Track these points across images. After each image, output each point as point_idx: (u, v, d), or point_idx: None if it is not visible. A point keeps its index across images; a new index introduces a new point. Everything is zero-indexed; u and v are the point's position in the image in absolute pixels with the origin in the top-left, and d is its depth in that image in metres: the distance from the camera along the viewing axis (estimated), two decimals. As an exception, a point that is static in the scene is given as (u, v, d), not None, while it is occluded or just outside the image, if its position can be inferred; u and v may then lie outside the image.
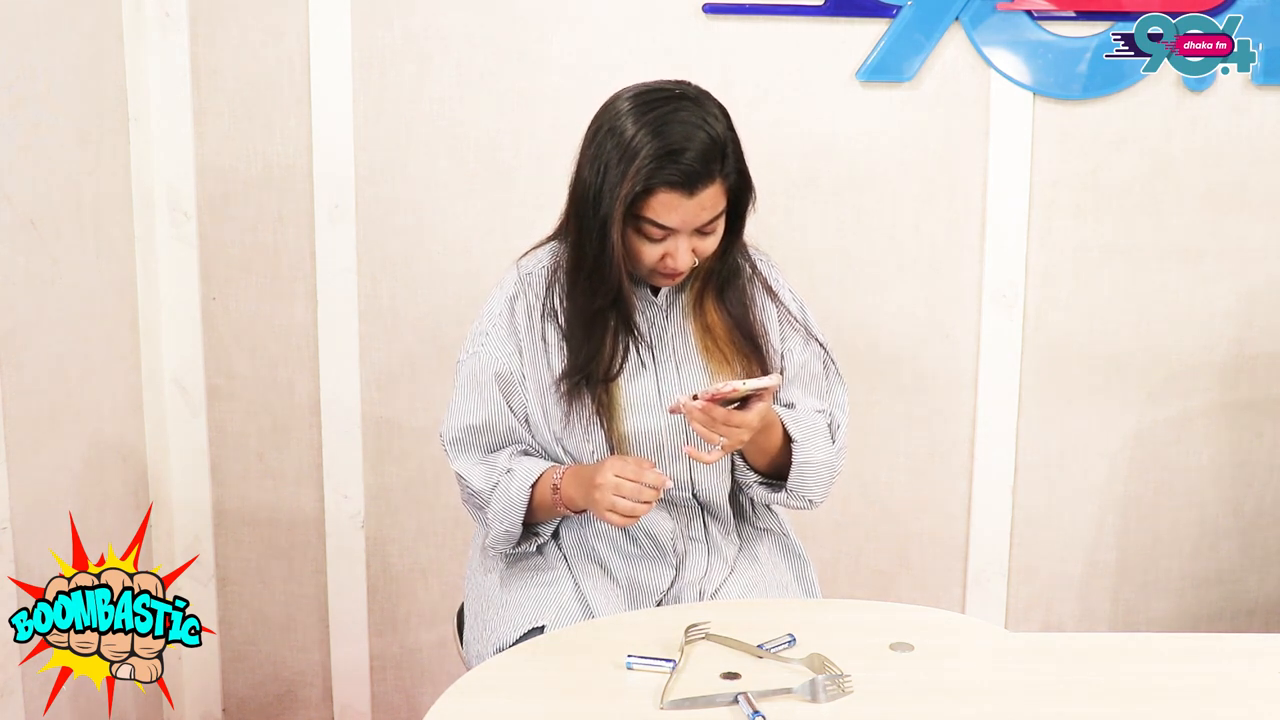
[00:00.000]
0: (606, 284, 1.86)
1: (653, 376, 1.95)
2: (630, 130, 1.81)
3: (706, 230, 1.85)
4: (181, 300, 2.70)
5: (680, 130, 1.80)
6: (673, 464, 1.96)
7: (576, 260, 1.89)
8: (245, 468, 2.79)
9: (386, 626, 2.85)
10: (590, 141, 1.87)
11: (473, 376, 1.97)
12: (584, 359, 1.90)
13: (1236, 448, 2.82)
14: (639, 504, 1.79)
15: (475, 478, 1.95)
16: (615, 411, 1.92)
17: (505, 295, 1.98)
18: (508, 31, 2.63)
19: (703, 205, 1.82)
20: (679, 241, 1.84)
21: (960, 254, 2.72)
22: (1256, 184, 2.71)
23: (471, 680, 1.64)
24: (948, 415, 2.79)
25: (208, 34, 2.62)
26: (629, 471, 1.80)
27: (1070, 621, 2.86)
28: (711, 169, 1.81)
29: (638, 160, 1.79)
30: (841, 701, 1.56)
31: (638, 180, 1.79)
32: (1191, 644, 1.83)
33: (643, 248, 1.85)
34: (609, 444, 1.92)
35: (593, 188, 1.84)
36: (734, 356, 1.95)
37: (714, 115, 1.84)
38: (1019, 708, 1.56)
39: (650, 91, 1.85)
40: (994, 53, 2.62)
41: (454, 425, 1.98)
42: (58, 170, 2.32)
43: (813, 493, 1.96)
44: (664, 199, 1.80)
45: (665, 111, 1.81)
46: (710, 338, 1.95)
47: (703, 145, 1.80)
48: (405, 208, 2.69)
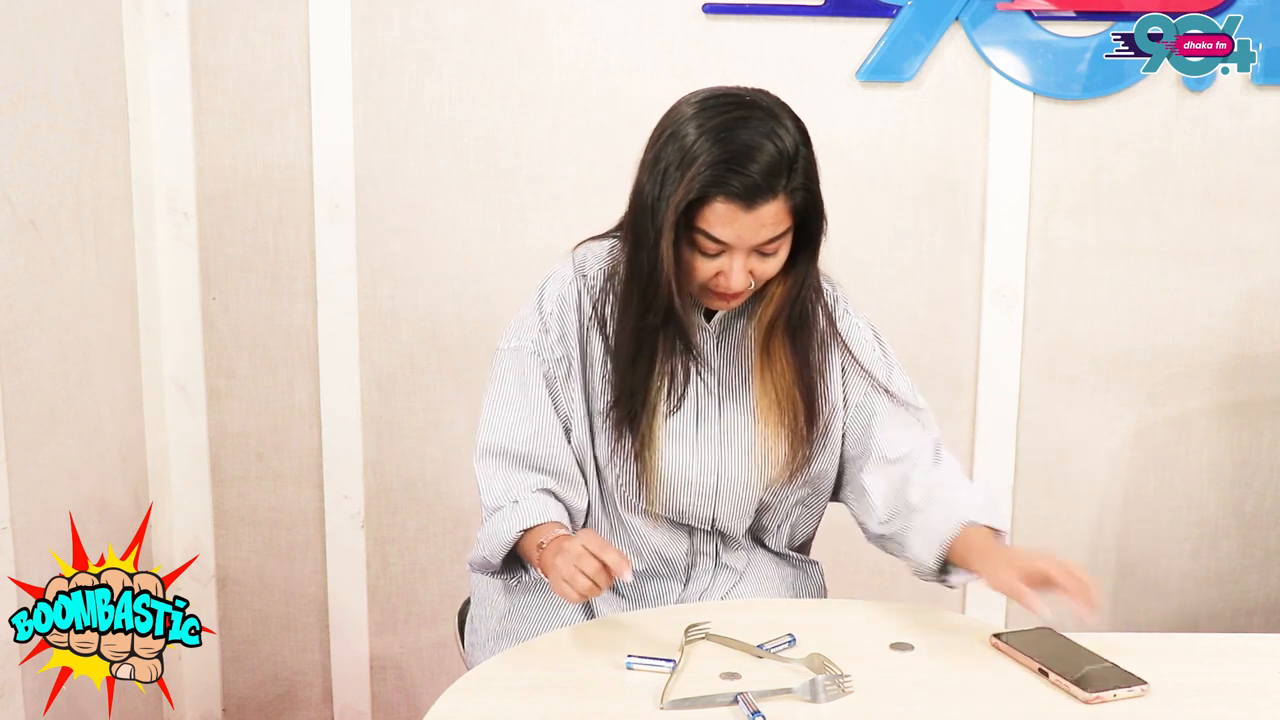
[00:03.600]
0: (658, 299, 1.74)
1: (693, 411, 1.85)
2: (692, 135, 1.70)
3: (767, 251, 1.73)
4: (181, 300, 2.70)
5: (745, 139, 1.68)
6: (701, 504, 1.88)
7: (631, 271, 1.77)
8: (245, 468, 2.79)
9: (386, 626, 2.85)
10: (652, 145, 1.75)
11: (520, 376, 1.84)
12: (633, 384, 1.80)
13: (1236, 448, 2.82)
14: (594, 585, 1.62)
15: (491, 489, 1.84)
16: (653, 447, 1.83)
17: (557, 290, 1.85)
18: (508, 31, 2.63)
19: (762, 221, 1.69)
20: (735, 259, 1.72)
21: (960, 254, 2.72)
22: (1256, 184, 2.71)
23: (471, 680, 1.64)
24: (948, 415, 2.78)
25: (208, 34, 2.62)
26: (589, 567, 1.62)
27: (1070, 621, 2.85)
28: (774, 183, 1.68)
29: (695, 166, 1.67)
30: (841, 701, 1.56)
31: (693, 188, 1.67)
32: (1191, 644, 1.83)
33: (696, 262, 1.73)
34: (640, 482, 1.84)
35: (650, 195, 1.73)
36: (785, 402, 1.83)
37: (785, 128, 1.72)
38: (1019, 708, 1.56)
39: (719, 97, 1.74)
40: (994, 53, 2.62)
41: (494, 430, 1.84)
42: (58, 170, 2.32)
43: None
44: (719, 210, 1.68)
45: (732, 118, 1.70)
46: (771, 377, 1.83)
47: (768, 157, 1.68)
48: (405, 208, 2.69)
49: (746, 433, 1.86)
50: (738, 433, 1.87)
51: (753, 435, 1.86)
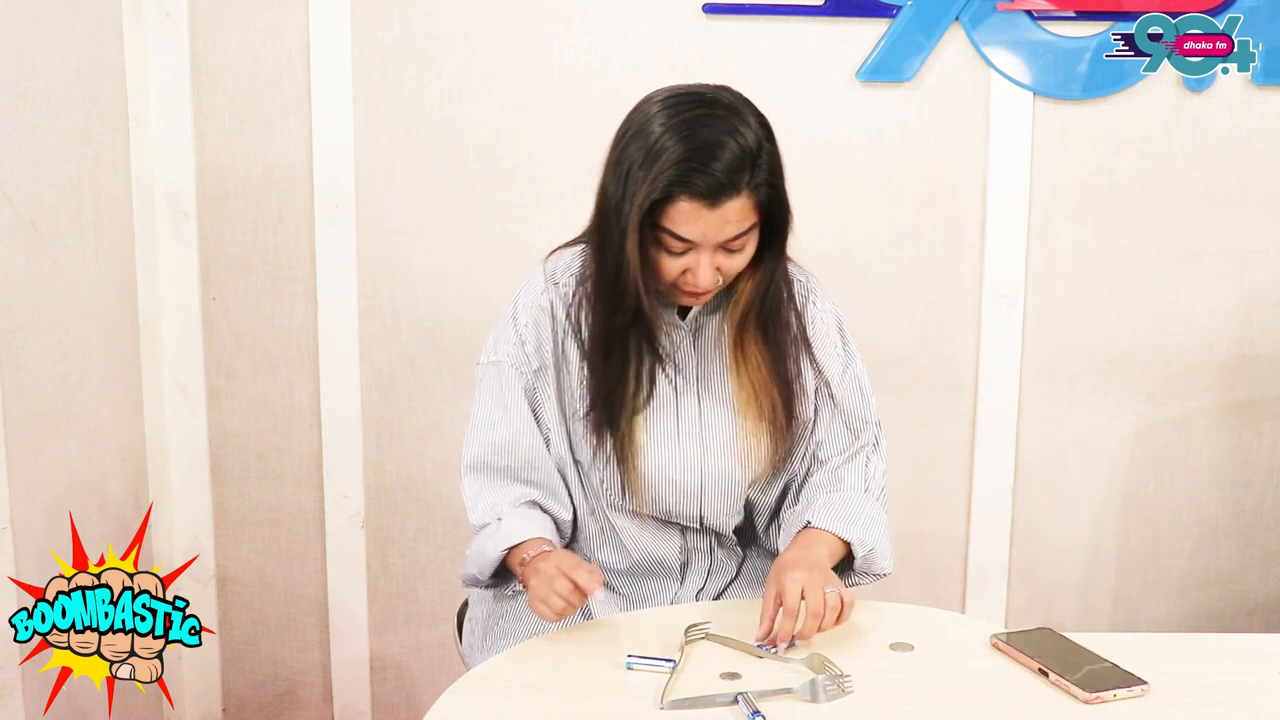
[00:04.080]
0: (625, 300, 1.74)
1: (672, 409, 1.85)
2: (654, 135, 1.70)
3: (733, 247, 1.73)
4: (181, 300, 2.70)
5: (707, 136, 1.68)
6: (687, 502, 1.89)
7: (598, 273, 1.78)
8: (245, 468, 2.79)
9: (386, 626, 2.85)
10: (615, 146, 1.76)
11: (499, 390, 1.86)
12: (607, 386, 1.80)
13: (1236, 448, 2.82)
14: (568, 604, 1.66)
15: (476, 505, 1.87)
16: (634, 447, 1.83)
17: (531, 300, 1.87)
18: (508, 31, 2.63)
19: (726, 218, 1.69)
20: (701, 257, 1.72)
21: (960, 254, 2.72)
22: (1256, 184, 2.71)
23: (471, 680, 1.64)
24: (948, 415, 2.79)
25: (208, 34, 2.62)
26: (563, 588, 1.65)
27: (1070, 621, 2.86)
28: (737, 180, 1.68)
29: (657, 165, 1.67)
30: (841, 701, 1.56)
31: (656, 187, 1.68)
32: (1191, 644, 1.83)
33: (663, 261, 1.73)
34: (623, 483, 1.85)
35: (614, 196, 1.73)
36: (762, 396, 1.83)
37: (747, 124, 1.71)
38: (1019, 708, 1.56)
39: (683, 95, 1.74)
40: (994, 53, 2.62)
41: (477, 445, 1.87)
42: (58, 170, 2.32)
43: (882, 567, 1.85)
44: (683, 208, 1.68)
45: (694, 116, 1.70)
46: (746, 372, 1.83)
47: (730, 154, 1.68)
48: (405, 208, 2.69)
49: (727, 429, 1.87)
50: (718, 429, 1.87)
51: (733, 431, 1.86)
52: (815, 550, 1.76)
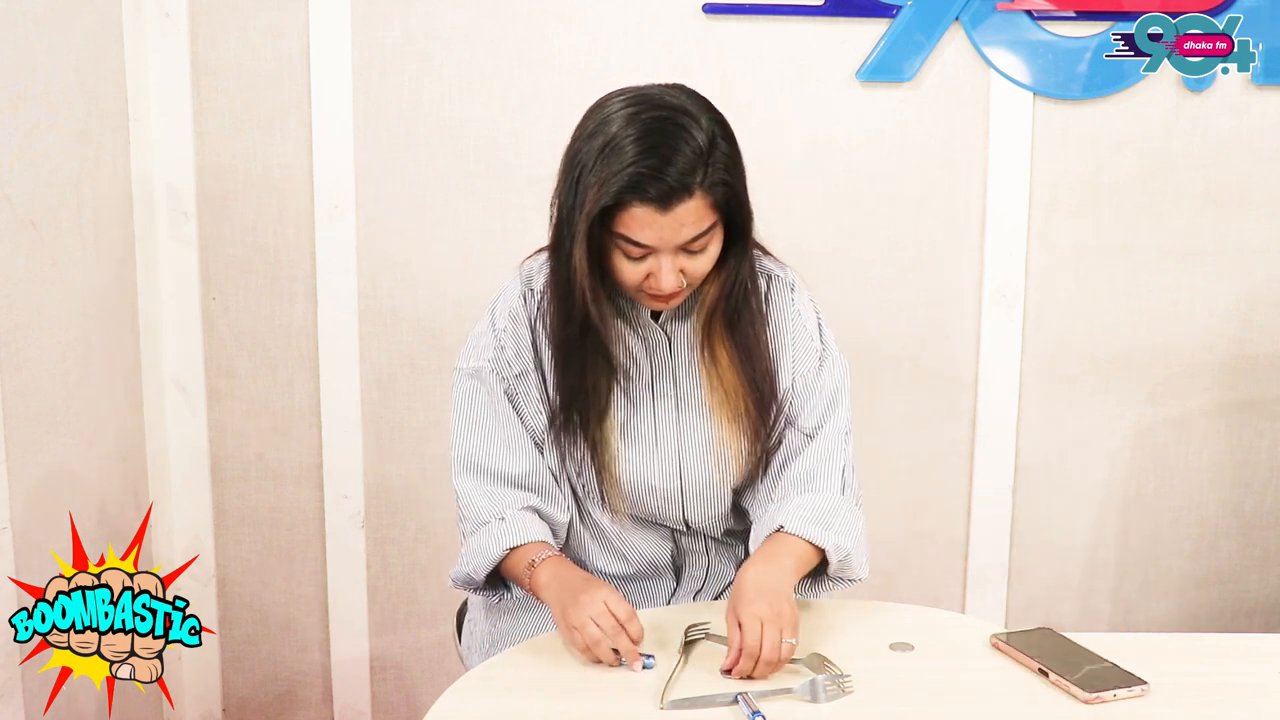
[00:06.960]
0: (574, 309, 1.72)
1: (649, 414, 1.83)
2: (603, 141, 1.66)
3: (694, 249, 1.69)
4: (181, 300, 2.70)
5: (655, 140, 1.64)
6: (668, 507, 1.88)
7: (552, 280, 1.76)
8: (245, 468, 2.79)
9: (386, 626, 2.85)
10: (568, 150, 1.72)
11: (488, 397, 1.84)
12: (567, 393, 1.78)
13: (1236, 448, 2.82)
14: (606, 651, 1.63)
15: (473, 504, 1.85)
16: (609, 453, 1.81)
17: (508, 306, 1.85)
18: (508, 31, 2.63)
19: (681, 221, 1.65)
20: (662, 260, 1.68)
21: (960, 254, 2.72)
22: (1256, 184, 2.71)
23: (471, 680, 1.64)
24: (948, 415, 2.79)
25: (208, 34, 2.62)
26: (607, 624, 1.62)
27: (1070, 621, 2.86)
28: (688, 181, 1.64)
29: (606, 172, 1.64)
30: (841, 701, 1.56)
31: (605, 193, 1.64)
32: (1191, 644, 1.83)
33: (623, 266, 1.70)
34: (601, 490, 1.83)
35: (565, 204, 1.70)
36: (735, 398, 1.80)
37: (700, 126, 1.67)
38: (1019, 708, 1.56)
39: (632, 98, 1.70)
40: (994, 53, 2.62)
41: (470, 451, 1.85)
42: (58, 170, 2.32)
43: (857, 573, 1.81)
44: (636, 214, 1.64)
45: (644, 119, 1.66)
46: (717, 374, 1.80)
47: (680, 156, 1.64)
48: (405, 208, 2.69)
49: (703, 433, 1.85)
50: (695, 434, 1.85)
51: (710, 435, 1.84)
52: (782, 562, 1.71)
